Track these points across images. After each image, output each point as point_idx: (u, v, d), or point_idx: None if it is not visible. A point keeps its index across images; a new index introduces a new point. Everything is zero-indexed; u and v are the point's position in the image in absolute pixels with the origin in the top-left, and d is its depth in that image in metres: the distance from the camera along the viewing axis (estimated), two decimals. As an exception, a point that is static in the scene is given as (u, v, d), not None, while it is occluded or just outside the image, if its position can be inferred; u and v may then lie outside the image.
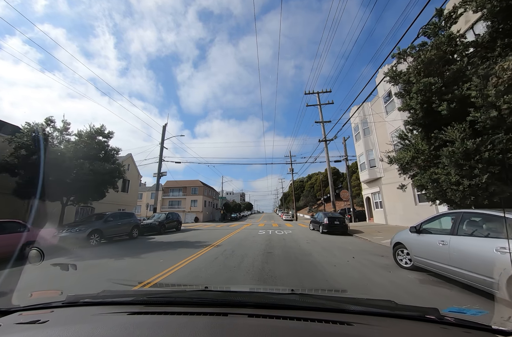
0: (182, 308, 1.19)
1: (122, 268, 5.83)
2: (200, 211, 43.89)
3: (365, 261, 6.33)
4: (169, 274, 5.06)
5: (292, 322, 1.02)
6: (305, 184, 61.42)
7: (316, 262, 6.16)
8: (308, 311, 1.14)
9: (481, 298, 3.45)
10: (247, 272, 5.08)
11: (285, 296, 1.47)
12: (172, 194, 46.04)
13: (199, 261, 6.37)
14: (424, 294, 3.79)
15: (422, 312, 1.11)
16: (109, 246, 10.24)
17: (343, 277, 4.77)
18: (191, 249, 8.37)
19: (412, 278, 4.64)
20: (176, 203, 45.47)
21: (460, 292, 3.80)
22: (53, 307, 1.29)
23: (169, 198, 45.84)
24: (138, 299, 1.34)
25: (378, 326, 1.00)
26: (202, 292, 1.55)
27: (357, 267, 5.59)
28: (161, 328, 0.96)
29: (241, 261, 6.20)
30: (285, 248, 8.45)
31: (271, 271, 5.19)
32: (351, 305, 1.22)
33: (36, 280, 4.84)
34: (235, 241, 10.91)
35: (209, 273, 5.11)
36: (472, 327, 1.02)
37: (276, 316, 1.05)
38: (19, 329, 1.02)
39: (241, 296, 1.45)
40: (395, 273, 5.08)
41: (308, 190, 55.41)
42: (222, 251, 7.91)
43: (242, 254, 7.29)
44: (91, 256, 7.51)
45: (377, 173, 17.95)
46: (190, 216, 44.12)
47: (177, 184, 45.69)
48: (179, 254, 7.52)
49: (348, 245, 9.25)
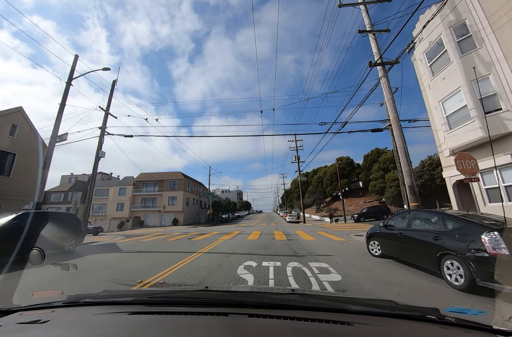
0: (182, 308, 1.18)
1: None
2: (179, 210, 34.28)
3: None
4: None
5: (292, 322, 1.02)
6: (310, 180, 51.91)
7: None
8: (308, 311, 1.14)
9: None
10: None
11: (285, 296, 1.47)
12: (146, 189, 36.44)
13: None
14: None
15: (423, 312, 1.11)
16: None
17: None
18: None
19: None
20: (150, 200, 35.88)
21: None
22: (54, 307, 1.28)
23: (142, 194, 36.23)
24: (139, 299, 1.33)
25: (379, 326, 1.00)
26: (203, 292, 1.54)
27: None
28: (162, 328, 0.95)
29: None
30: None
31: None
32: (351, 305, 1.21)
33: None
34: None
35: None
36: (473, 327, 1.01)
37: (277, 316, 1.05)
38: (20, 329, 1.02)
39: (242, 296, 1.44)
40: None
41: (315, 185, 45.91)
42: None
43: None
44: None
45: (507, 124, 8.12)
46: (168, 218, 34.54)
47: (151, 176, 36.10)
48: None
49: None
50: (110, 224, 36.21)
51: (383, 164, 36.18)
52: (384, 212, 24.02)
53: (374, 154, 38.58)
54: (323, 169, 50.08)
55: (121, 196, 36.31)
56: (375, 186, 34.64)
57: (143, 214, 35.30)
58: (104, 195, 37.20)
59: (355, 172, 41.74)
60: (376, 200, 35.67)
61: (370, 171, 37.62)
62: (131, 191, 36.02)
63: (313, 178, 50.76)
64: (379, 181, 34.17)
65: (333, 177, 42.26)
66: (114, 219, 35.91)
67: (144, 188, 36.68)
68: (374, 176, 35.43)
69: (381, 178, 34.44)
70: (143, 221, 35.06)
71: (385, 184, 33.86)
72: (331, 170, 43.23)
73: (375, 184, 34.66)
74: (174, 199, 34.68)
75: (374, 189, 34.60)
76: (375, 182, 34.77)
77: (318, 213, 42.37)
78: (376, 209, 24.49)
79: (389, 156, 36.92)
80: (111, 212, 36.07)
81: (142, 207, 35.36)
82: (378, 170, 35.61)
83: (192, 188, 39.55)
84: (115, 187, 36.90)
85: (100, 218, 36.52)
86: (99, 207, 36.84)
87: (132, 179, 37.29)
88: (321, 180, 47.34)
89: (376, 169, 35.93)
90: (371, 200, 37.05)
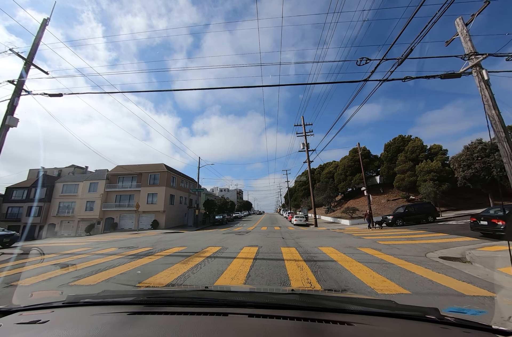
0: (182, 308, 1.17)
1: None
2: (160, 210, 27.82)
3: None
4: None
5: (292, 322, 1.01)
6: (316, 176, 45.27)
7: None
8: (308, 311, 1.12)
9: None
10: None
11: (285, 296, 1.46)
12: (122, 185, 30.04)
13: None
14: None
15: (422, 312, 1.10)
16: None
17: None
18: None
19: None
20: (126, 198, 29.49)
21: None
22: (54, 307, 1.27)
23: (117, 191, 29.83)
24: (139, 299, 1.32)
25: (378, 326, 0.99)
26: (203, 292, 1.52)
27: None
28: (162, 328, 0.94)
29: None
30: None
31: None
32: (351, 305, 1.20)
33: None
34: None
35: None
36: (472, 327, 1.01)
37: (277, 316, 1.04)
38: (20, 329, 1.02)
39: (242, 296, 1.43)
40: None
41: (324, 181, 39.28)
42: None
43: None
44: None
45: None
46: (147, 219, 28.13)
47: (129, 169, 29.73)
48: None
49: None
50: (78, 226, 29.90)
51: (411, 154, 29.55)
52: (429, 211, 17.42)
53: (399, 142, 31.90)
54: (332, 163, 43.42)
55: (92, 193, 29.97)
56: (402, 180, 27.98)
57: (118, 214, 28.93)
58: (72, 191, 30.91)
59: (373, 164, 35.07)
60: (403, 198, 29.03)
61: (394, 163, 30.98)
62: (104, 187, 29.64)
63: (321, 174, 44.21)
64: (407, 174, 27.50)
65: (347, 170, 35.67)
66: (83, 220, 29.60)
67: (120, 182, 30.28)
68: (400, 168, 28.76)
69: (410, 170, 27.78)
70: (117, 223, 28.67)
71: (415, 177, 27.27)
72: (345, 162, 36.62)
73: (403, 177, 27.98)
74: (154, 196, 28.22)
75: (402, 183, 27.94)
76: (402, 175, 28.10)
77: (329, 213, 35.79)
78: (418, 207, 17.86)
79: (418, 144, 30.29)
80: (80, 212, 29.74)
81: (117, 206, 28.98)
82: (405, 161, 28.94)
83: (179, 183, 33.05)
84: (85, 182, 30.56)
85: (66, 219, 30.23)
86: (67, 205, 30.55)
87: (106, 173, 30.92)
88: (331, 175, 40.73)
89: (403, 159, 29.24)
90: (396, 197, 30.40)
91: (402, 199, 29.24)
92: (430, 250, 7.08)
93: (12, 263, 7.40)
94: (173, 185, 30.80)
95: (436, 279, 4.20)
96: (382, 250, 7.34)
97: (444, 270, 4.80)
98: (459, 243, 8.02)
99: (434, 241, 8.78)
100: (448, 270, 4.82)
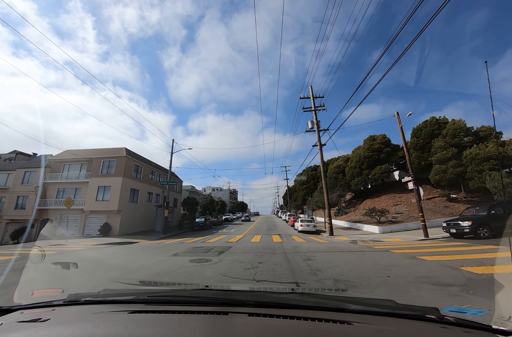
0: (182, 306, 1.17)
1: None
2: (114, 210, 20.10)
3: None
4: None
5: (292, 321, 1.01)
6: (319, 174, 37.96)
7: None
8: (308, 310, 1.12)
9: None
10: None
11: (285, 295, 1.44)
12: (67, 174, 22.29)
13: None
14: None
15: (422, 311, 1.09)
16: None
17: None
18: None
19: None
20: (71, 192, 21.77)
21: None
22: (55, 306, 1.27)
23: (59, 183, 22.07)
24: (139, 298, 1.32)
25: (378, 325, 0.98)
26: (203, 291, 1.50)
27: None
28: (162, 327, 0.94)
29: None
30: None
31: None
32: (351, 304, 1.19)
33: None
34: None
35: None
36: (472, 326, 1.00)
37: (277, 315, 1.04)
38: (21, 327, 1.01)
39: (242, 295, 1.42)
40: None
41: (333, 177, 32.03)
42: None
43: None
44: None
45: None
46: (97, 222, 20.42)
47: (79, 154, 22.05)
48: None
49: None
50: (6, 230, 22.06)
51: (451, 139, 22.49)
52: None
53: (432, 125, 24.73)
54: (341, 157, 36.22)
55: (26, 185, 22.23)
56: (444, 172, 20.77)
57: (58, 214, 21.22)
58: (2, 183, 23.08)
59: (397, 155, 27.88)
60: (441, 196, 21.84)
61: (427, 151, 23.84)
62: (43, 177, 21.89)
63: (331, 165, 36.97)
64: (451, 163, 20.41)
65: (363, 163, 28.45)
66: (13, 222, 21.79)
67: (65, 172, 22.56)
68: (439, 156, 21.57)
69: (455, 158, 20.73)
70: (56, 226, 20.90)
71: (463, 168, 20.21)
72: (360, 153, 29.43)
73: (444, 168, 20.78)
74: (106, 190, 20.54)
75: (445, 176, 20.74)
76: (443, 166, 20.93)
77: (339, 216, 28.52)
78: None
79: (462, 125, 23.22)
80: (8, 212, 21.93)
81: (57, 203, 21.23)
82: (446, 147, 21.89)
83: (147, 175, 25.33)
84: (19, 170, 22.80)
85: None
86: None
87: (47, 159, 23.16)
88: (341, 169, 33.54)
89: (442, 145, 22.10)
90: (431, 195, 23.22)
91: (441, 197, 22.05)
92: None
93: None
94: (136, 176, 23.12)
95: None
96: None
97: None
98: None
99: None
100: None
